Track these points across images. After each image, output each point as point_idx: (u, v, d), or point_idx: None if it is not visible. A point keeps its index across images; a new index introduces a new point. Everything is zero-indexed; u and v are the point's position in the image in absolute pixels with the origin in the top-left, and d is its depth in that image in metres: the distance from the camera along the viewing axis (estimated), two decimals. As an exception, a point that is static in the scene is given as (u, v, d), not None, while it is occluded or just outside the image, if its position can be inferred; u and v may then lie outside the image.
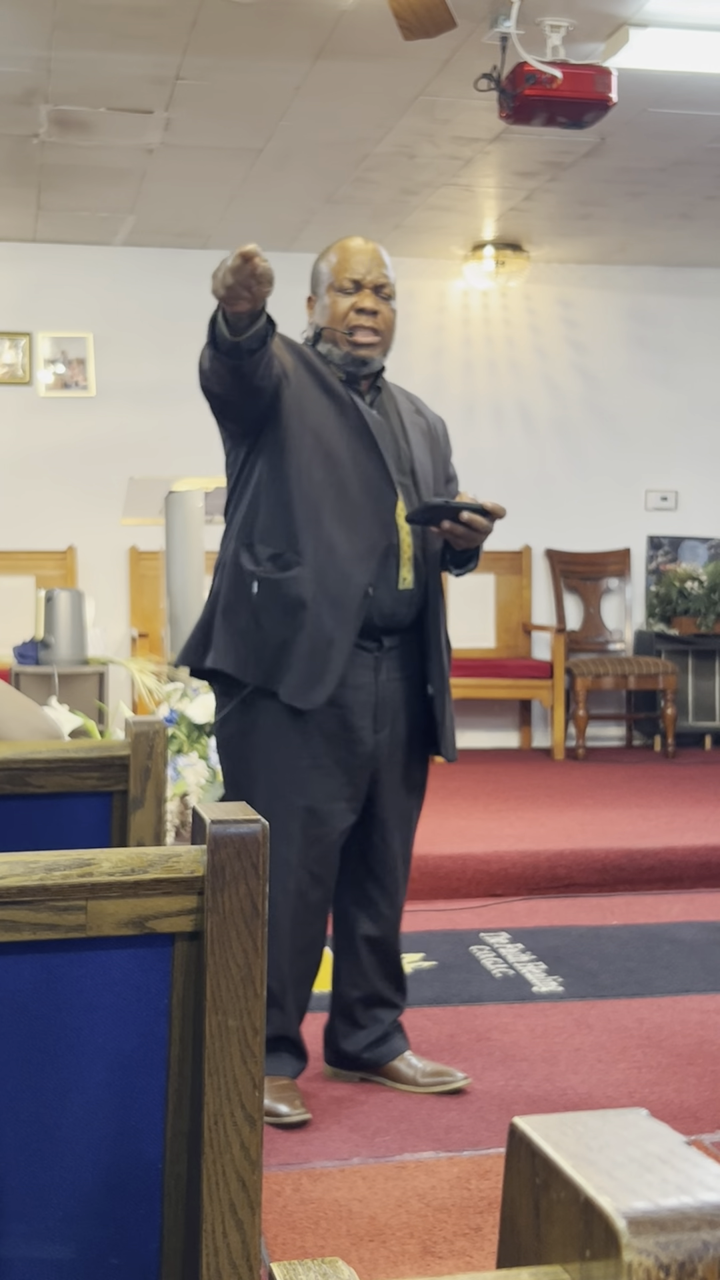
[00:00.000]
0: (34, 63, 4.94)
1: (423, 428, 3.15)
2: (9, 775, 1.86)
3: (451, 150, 5.92)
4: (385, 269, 3.05)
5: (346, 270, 3.02)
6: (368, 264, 3.02)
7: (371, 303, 3.01)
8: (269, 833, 1.20)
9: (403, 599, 2.99)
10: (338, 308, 3.02)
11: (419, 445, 3.10)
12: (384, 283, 3.04)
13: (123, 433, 7.49)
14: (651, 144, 5.83)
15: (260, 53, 4.83)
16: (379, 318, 3.02)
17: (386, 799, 3.08)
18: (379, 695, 3.00)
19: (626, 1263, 0.46)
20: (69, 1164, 1.20)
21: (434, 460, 3.14)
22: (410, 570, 3.00)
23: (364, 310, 3.01)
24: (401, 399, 3.17)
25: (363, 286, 3.02)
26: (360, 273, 3.02)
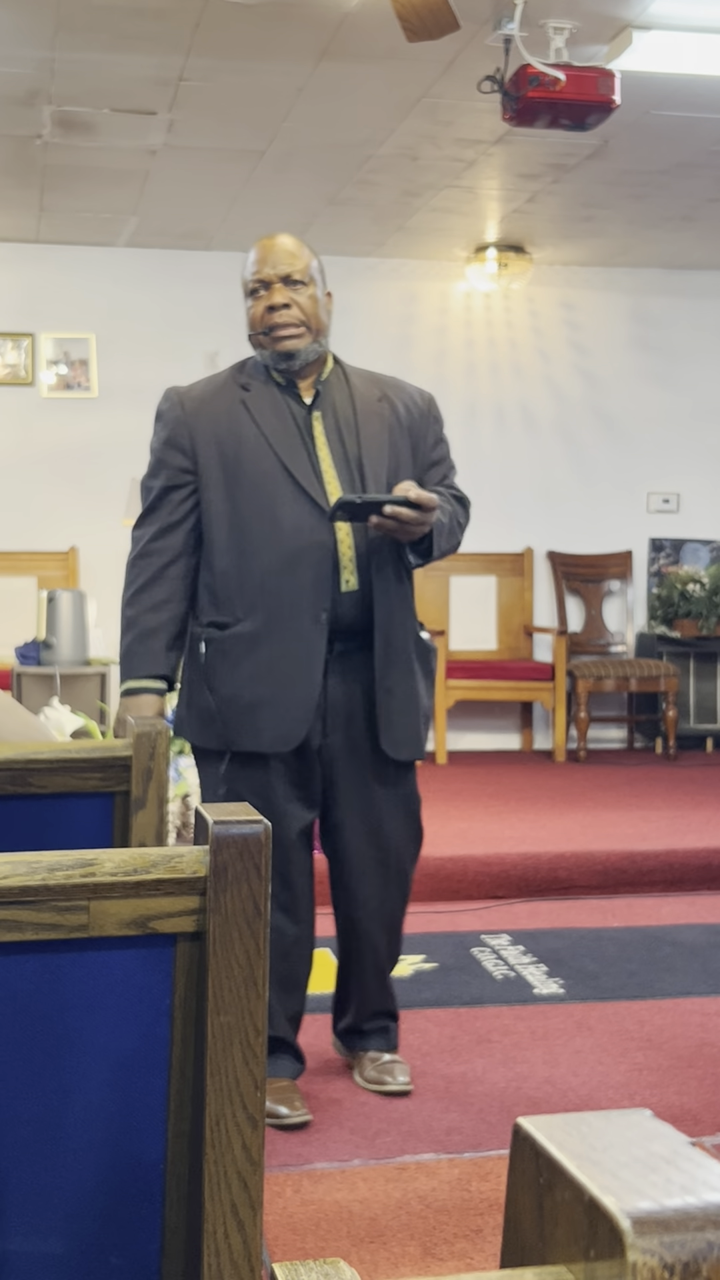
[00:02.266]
0: (37, 64, 4.95)
1: (384, 415, 3.06)
2: (11, 776, 1.86)
3: (454, 152, 5.92)
4: (294, 257, 3.01)
5: (253, 273, 3.03)
6: (271, 259, 3.01)
7: (281, 296, 2.99)
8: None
9: (345, 601, 2.95)
10: (254, 313, 3.03)
11: (374, 434, 3.03)
12: (290, 271, 2.99)
13: (125, 434, 7.49)
14: (654, 146, 5.83)
15: (263, 54, 4.84)
16: (293, 309, 2.99)
17: (344, 805, 3.04)
18: (326, 699, 2.97)
19: (631, 1263, 0.46)
20: (70, 1164, 1.20)
21: (395, 448, 3.05)
22: (352, 571, 2.95)
23: (275, 307, 2.99)
24: (362, 386, 3.10)
25: (270, 284, 3.00)
26: (265, 271, 3.00)
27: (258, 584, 2.94)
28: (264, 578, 2.94)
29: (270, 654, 2.94)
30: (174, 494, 3.01)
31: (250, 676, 2.95)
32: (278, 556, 2.93)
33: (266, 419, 3.00)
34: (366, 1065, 3.23)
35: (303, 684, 2.93)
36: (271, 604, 2.93)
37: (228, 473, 2.98)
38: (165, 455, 3.04)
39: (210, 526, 2.99)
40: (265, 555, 2.94)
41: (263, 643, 2.94)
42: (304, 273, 3.00)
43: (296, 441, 2.99)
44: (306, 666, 2.93)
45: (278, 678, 2.94)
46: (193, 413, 3.03)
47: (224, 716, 2.96)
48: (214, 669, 2.98)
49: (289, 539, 2.93)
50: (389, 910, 3.16)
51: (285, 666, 2.93)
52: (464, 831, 5.40)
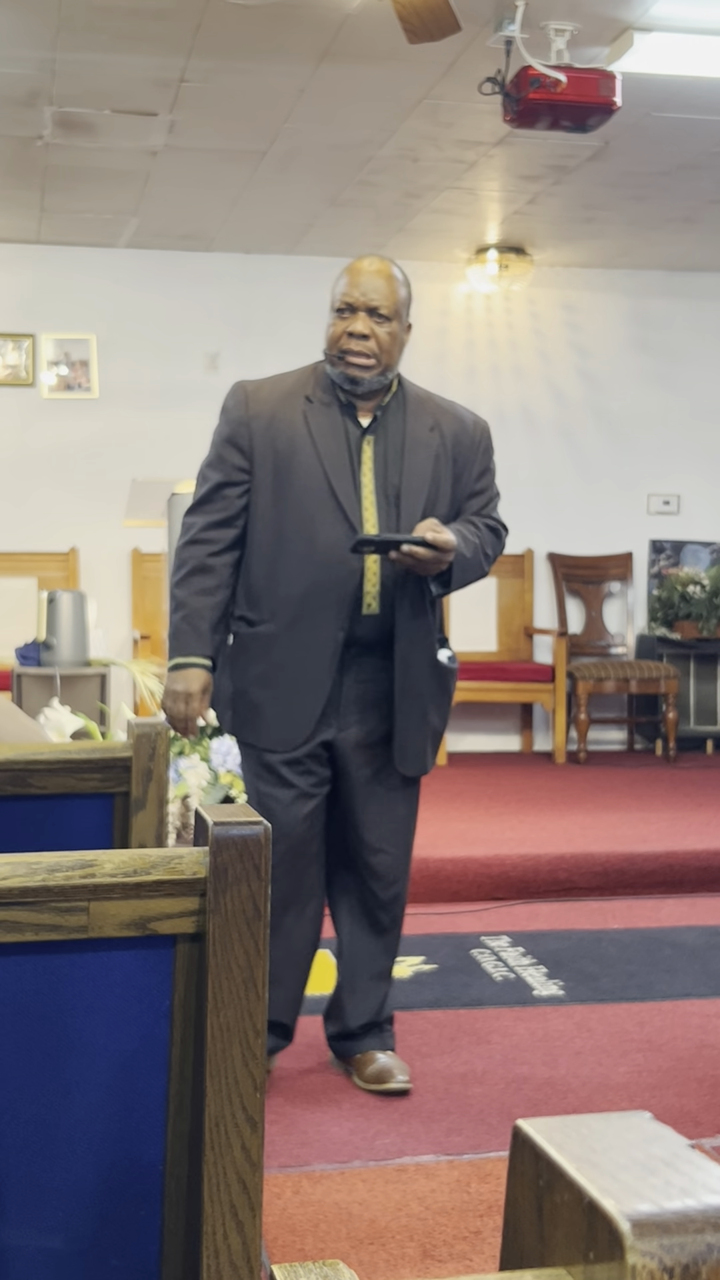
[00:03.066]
0: (38, 64, 4.95)
1: (432, 445, 3.14)
2: (11, 776, 1.86)
3: (455, 154, 5.92)
4: (384, 289, 3.08)
5: (343, 293, 3.10)
6: (364, 286, 3.08)
7: (363, 326, 3.06)
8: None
9: (366, 623, 3.09)
10: (333, 330, 3.11)
11: (418, 466, 3.12)
12: (378, 304, 3.07)
13: (125, 434, 7.49)
14: (655, 148, 5.83)
15: (264, 55, 4.84)
16: (370, 341, 3.07)
17: (363, 798, 3.17)
18: (341, 696, 3.11)
19: (630, 1265, 0.46)
20: (70, 1165, 1.20)
21: (438, 479, 3.14)
22: (375, 597, 3.08)
23: (354, 334, 3.07)
24: (417, 411, 3.18)
25: (356, 309, 3.08)
26: (355, 295, 3.08)
27: (285, 593, 3.08)
28: (291, 590, 3.07)
29: (282, 659, 3.08)
30: (228, 490, 3.14)
31: (260, 677, 3.11)
32: (308, 572, 3.06)
33: (323, 436, 3.10)
34: (364, 1066, 3.25)
35: (309, 692, 3.07)
36: (295, 614, 3.07)
37: (278, 481, 3.10)
38: (225, 452, 3.15)
39: (254, 528, 3.13)
40: (297, 568, 3.07)
41: (277, 648, 3.09)
42: (391, 308, 3.08)
43: (345, 464, 3.10)
44: (313, 677, 3.07)
45: (284, 683, 3.08)
46: (255, 415, 3.13)
47: (234, 707, 3.16)
48: (235, 661, 3.16)
49: (321, 558, 3.05)
50: (397, 904, 3.24)
51: (293, 673, 3.08)
52: (464, 833, 5.40)
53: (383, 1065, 3.22)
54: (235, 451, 3.13)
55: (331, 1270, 0.91)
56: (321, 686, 3.06)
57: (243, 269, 7.62)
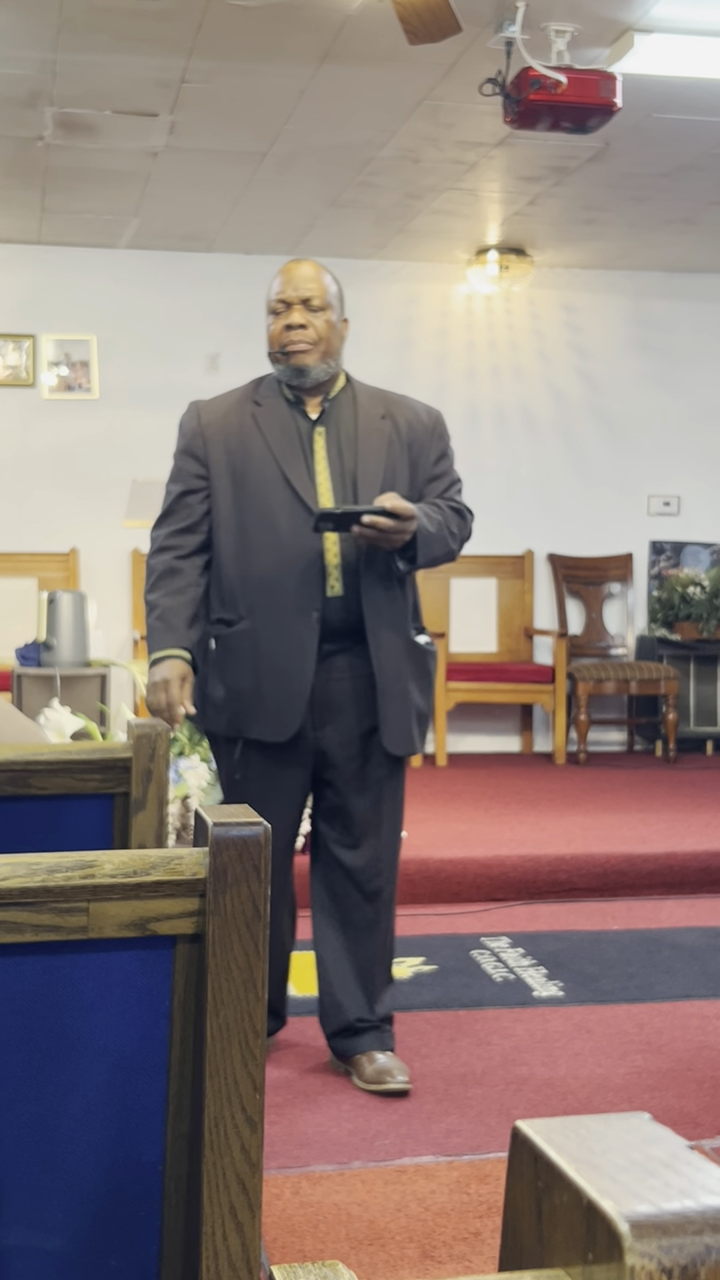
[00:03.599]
0: (39, 65, 4.95)
1: (384, 432, 3.25)
2: (11, 777, 1.86)
3: (456, 155, 5.92)
4: (315, 282, 3.23)
5: (277, 294, 3.25)
6: (295, 282, 3.23)
7: (300, 317, 3.21)
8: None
9: (331, 605, 3.16)
10: (273, 329, 3.25)
11: (372, 451, 3.22)
12: (310, 295, 3.21)
13: (126, 435, 7.49)
14: (656, 149, 5.83)
15: (265, 56, 4.84)
16: (308, 330, 3.20)
17: (347, 794, 3.24)
18: (317, 696, 3.18)
19: (629, 1266, 0.46)
20: (69, 1165, 1.20)
21: (393, 464, 3.23)
22: (338, 578, 3.16)
23: (292, 326, 3.20)
24: (368, 404, 3.29)
25: (291, 305, 3.22)
26: (288, 293, 3.23)
27: (256, 585, 3.17)
28: (261, 580, 3.17)
29: (268, 649, 3.16)
30: (189, 498, 3.27)
31: (251, 671, 3.18)
32: (274, 560, 3.15)
33: (273, 432, 3.22)
34: (364, 1066, 3.26)
35: (296, 679, 3.15)
36: (268, 604, 3.16)
37: (235, 481, 3.21)
38: (182, 463, 3.31)
39: (219, 531, 3.24)
40: (263, 559, 3.16)
41: (261, 640, 3.17)
42: (323, 298, 3.22)
43: (298, 453, 3.20)
44: (299, 662, 3.15)
45: (274, 673, 3.16)
46: (208, 424, 3.28)
47: (232, 708, 3.22)
48: (222, 664, 3.23)
49: (284, 544, 3.15)
50: (384, 896, 3.28)
51: (280, 662, 3.16)
52: (464, 834, 5.40)
53: (382, 1066, 3.23)
54: (192, 461, 3.28)
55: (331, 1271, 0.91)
56: (307, 669, 3.14)
57: (243, 270, 7.62)
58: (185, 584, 3.22)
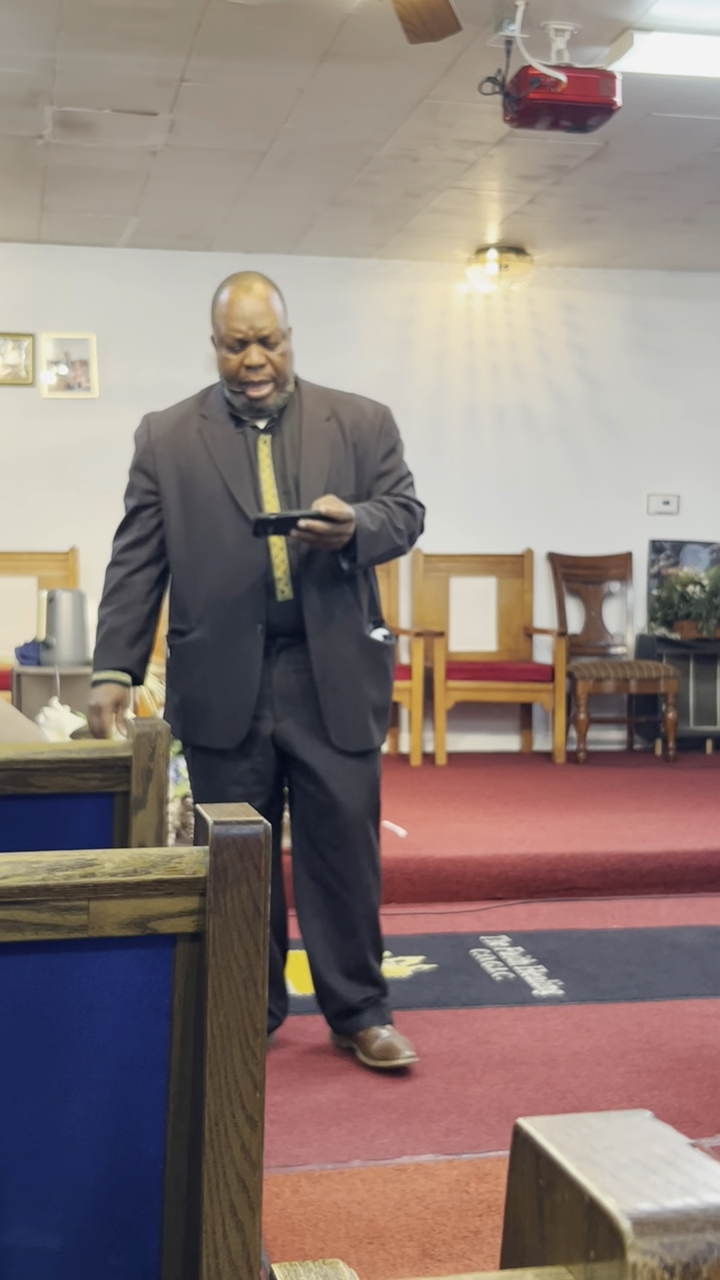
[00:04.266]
0: (38, 64, 4.95)
1: (329, 434, 3.29)
2: (11, 776, 1.86)
3: (455, 153, 5.92)
4: (268, 315, 3.21)
5: (233, 329, 3.22)
6: (250, 318, 3.21)
7: (258, 356, 3.21)
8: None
9: (282, 610, 3.23)
10: (228, 365, 3.25)
11: (315, 455, 3.26)
12: (267, 333, 3.20)
13: (125, 434, 7.44)
14: (655, 148, 5.83)
15: (265, 55, 4.84)
16: (267, 368, 3.21)
17: (313, 784, 3.28)
18: (272, 688, 3.25)
19: (631, 1264, 0.46)
20: (70, 1164, 1.20)
21: (337, 465, 3.26)
22: (287, 583, 3.23)
23: (251, 367, 3.21)
24: (313, 405, 3.32)
25: (248, 343, 3.21)
26: (243, 329, 3.21)
27: (205, 598, 3.26)
28: (210, 592, 3.25)
29: (217, 661, 3.25)
30: (142, 512, 3.35)
31: (201, 680, 3.27)
32: (221, 573, 3.23)
33: (219, 447, 3.27)
34: (369, 1043, 3.34)
35: (242, 688, 3.23)
36: (217, 616, 3.24)
37: (184, 496, 3.28)
38: (134, 478, 3.37)
39: (171, 544, 3.32)
40: (211, 572, 3.24)
41: (210, 650, 3.26)
42: (277, 331, 3.23)
43: (243, 466, 3.25)
44: (245, 672, 3.23)
45: (222, 682, 3.25)
46: (157, 439, 3.34)
47: (183, 715, 3.32)
48: (175, 671, 3.36)
49: (231, 557, 3.23)
50: (362, 881, 3.33)
51: (228, 672, 3.24)
52: (463, 833, 5.40)
53: (387, 1042, 3.32)
54: (143, 476, 3.34)
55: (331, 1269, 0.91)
56: (252, 678, 3.22)
57: (243, 269, 7.61)
58: (131, 600, 3.33)
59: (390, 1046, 3.31)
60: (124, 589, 3.33)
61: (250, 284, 3.26)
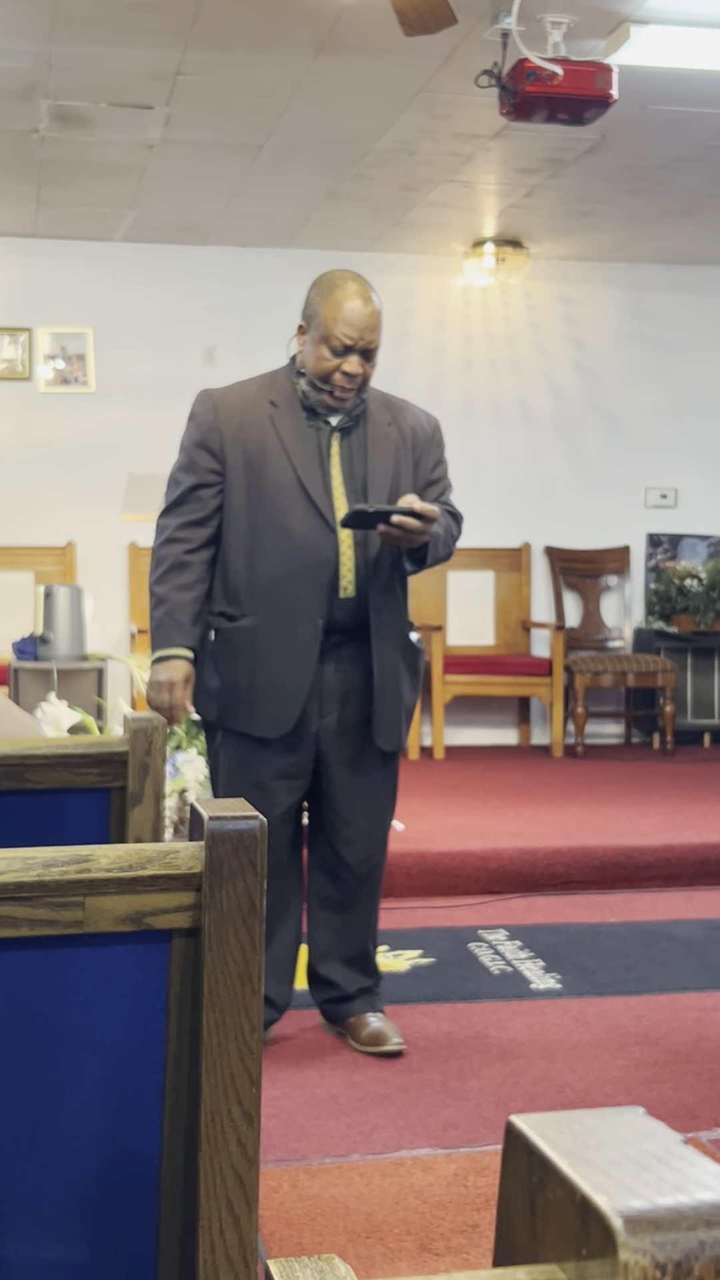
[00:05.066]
0: (34, 58, 4.94)
1: (392, 438, 3.32)
2: (7, 771, 1.86)
3: (452, 147, 5.91)
4: (377, 329, 3.23)
5: (344, 333, 3.19)
6: (362, 329, 3.20)
7: (358, 367, 3.21)
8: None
9: (343, 606, 3.24)
10: (324, 364, 3.22)
11: (378, 459, 3.29)
12: (374, 346, 3.22)
13: (122, 428, 7.48)
14: (652, 141, 5.82)
15: (261, 48, 4.83)
16: (357, 378, 3.22)
17: (341, 780, 3.32)
18: (323, 684, 3.25)
19: (623, 1262, 0.46)
20: (66, 1160, 1.20)
21: (399, 469, 3.30)
22: (351, 580, 3.24)
23: (349, 375, 3.21)
24: (375, 409, 3.34)
25: (353, 350, 3.20)
26: (354, 337, 3.19)
27: (264, 586, 3.22)
28: (270, 582, 3.21)
29: (267, 650, 3.22)
30: (202, 491, 3.28)
31: (248, 667, 3.23)
32: (284, 564, 3.20)
33: (291, 437, 3.25)
34: (359, 1030, 3.41)
35: (295, 678, 3.21)
36: (274, 606, 3.21)
37: (250, 480, 3.24)
38: (196, 455, 3.29)
39: (229, 526, 3.27)
40: (273, 561, 3.21)
41: (261, 639, 3.22)
42: (378, 345, 3.26)
43: (314, 460, 3.25)
44: (299, 664, 3.20)
45: (273, 671, 3.22)
46: (225, 419, 3.28)
47: (222, 699, 3.27)
48: (219, 655, 3.29)
49: (297, 550, 3.20)
50: (373, 877, 3.41)
51: (280, 662, 3.21)
52: (461, 827, 5.40)
53: (376, 1029, 3.39)
54: (207, 455, 3.27)
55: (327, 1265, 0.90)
56: (306, 672, 3.21)
57: (239, 262, 7.61)
58: (193, 579, 3.26)
59: (380, 1033, 3.38)
60: (185, 567, 3.26)
61: (367, 293, 3.24)
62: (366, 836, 3.37)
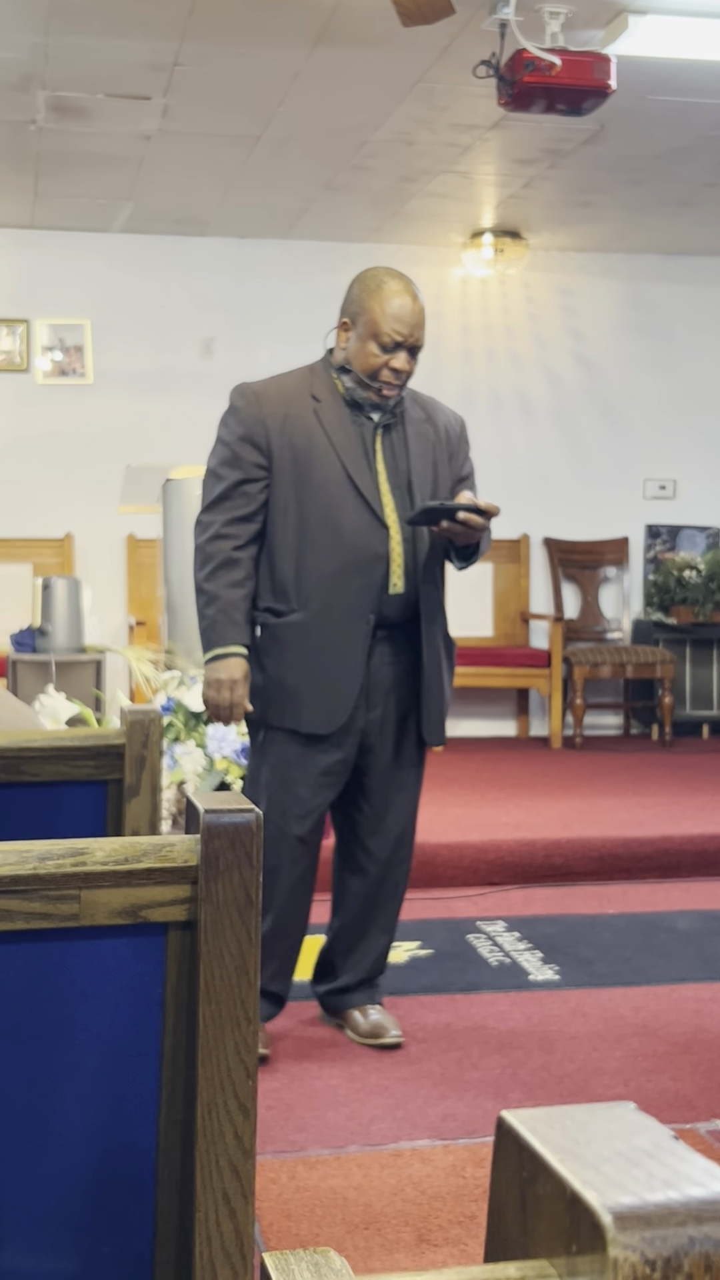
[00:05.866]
0: (31, 48, 4.93)
1: (429, 435, 3.33)
2: (4, 763, 1.86)
3: (450, 137, 5.90)
4: (423, 328, 3.24)
5: (394, 329, 3.19)
6: (412, 325, 3.20)
7: (404, 363, 3.22)
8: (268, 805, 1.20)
9: (392, 602, 3.24)
10: (372, 360, 3.21)
11: (419, 456, 3.30)
12: (420, 344, 3.23)
13: (120, 420, 7.48)
14: (650, 131, 5.81)
15: (258, 39, 4.82)
16: (403, 374, 3.23)
17: (378, 773, 3.33)
18: (371, 678, 3.25)
19: (612, 1258, 0.46)
20: (62, 1153, 1.20)
21: (437, 466, 3.32)
22: (400, 576, 3.25)
23: (397, 371, 3.22)
24: (411, 407, 3.35)
25: (402, 347, 3.20)
26: (405, 333, 3.20)
27: (314, 582, 3.20)
28: (320, 578, 3.20)
29: (317, 645, 3.21)
30: (248, 486, 3.24)
31: (296, 663, 3.22)
32: (335, 560, 3.19)
33: (336, 431, 3.24)
34: (358, 1021, 3.42)
35: (346, 675, 3.21)
36: (325, 602, 3.20)
37: (298, 475, 3.22)
38: (241, 450, 3.24)
39: (275, 522, 3.24)
40: (324, 557, 3.20)
41: (312, 635, 3.20)
42: (423, 341, 3.25)
43: (361, 456, 3.24)
44: (350, 660, 3.21)
45: (322, 667, 3.21)
46: (270, 414, 3.25)
47: (267, 695, 3.25)
48: (265, 650, 3.26)
49: (348, 545, 3.20)
50: (400, 869, 3.42)
51: (329, 658, 3.20)
52: (460, 818, 5.40)
53: (376, 1021, 3.40)
54: (253, 450, 3.23)
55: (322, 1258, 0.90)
56: (358, 668, 3.21)
57: (237, 254, 7.60)
58: (243, 577, 3.21)
59: (380, 1025, 3.39)
60: (235, 565, 3.20)
61: (414, 290, 3.24)
62: (398, 830, 3.38)
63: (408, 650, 3.28)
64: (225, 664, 3.19)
